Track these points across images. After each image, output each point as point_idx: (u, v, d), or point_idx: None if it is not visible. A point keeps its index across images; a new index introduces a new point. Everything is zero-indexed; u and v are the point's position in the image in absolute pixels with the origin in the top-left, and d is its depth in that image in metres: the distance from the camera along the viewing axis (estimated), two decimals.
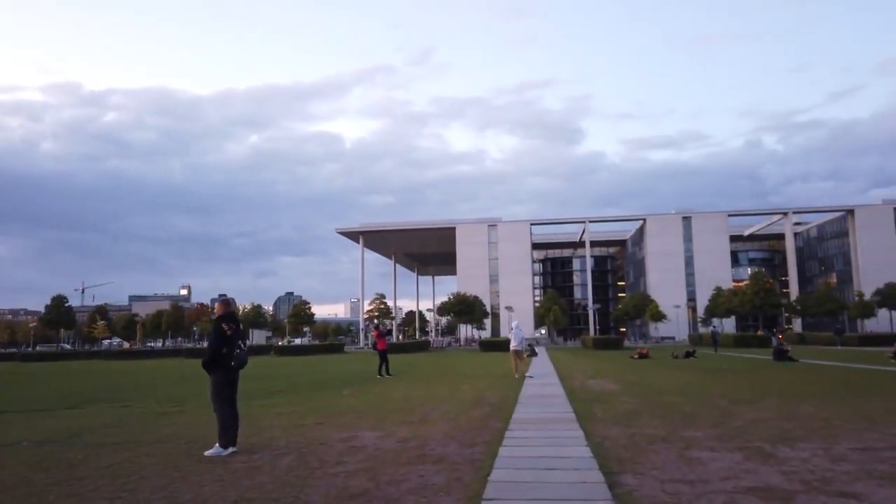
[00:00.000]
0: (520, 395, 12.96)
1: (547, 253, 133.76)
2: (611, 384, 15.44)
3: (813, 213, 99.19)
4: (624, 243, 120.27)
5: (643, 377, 17.76)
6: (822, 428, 7.73)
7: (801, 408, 9.79)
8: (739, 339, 47.81)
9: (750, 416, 9.06)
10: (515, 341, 19.02)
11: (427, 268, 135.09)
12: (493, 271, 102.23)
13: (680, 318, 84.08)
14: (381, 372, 19.94)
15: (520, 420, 9.19)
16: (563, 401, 11.69)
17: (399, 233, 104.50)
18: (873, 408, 9.57)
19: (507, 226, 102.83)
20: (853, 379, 15.66)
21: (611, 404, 10.95)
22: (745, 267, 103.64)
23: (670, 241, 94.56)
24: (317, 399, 13.18)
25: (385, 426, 8.80)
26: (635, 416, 9.24)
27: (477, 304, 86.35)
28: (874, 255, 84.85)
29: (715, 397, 11.63)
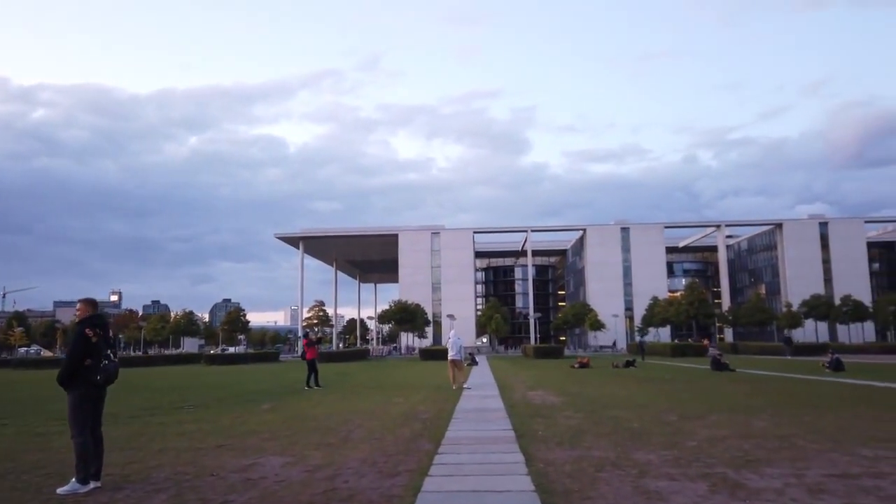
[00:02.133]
0: (456, 409, 11.93)
1: (489, 261, 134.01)
2: (552, 396, 14.61)
3: (744, 226, 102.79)
4: (565, 253, 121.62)
5: (585, 388, 17.04)
6: (784, 448, 6.99)
7: (755, 423, 9.12)
8: (676, 349, 48.33)
9: (703, 433, 8.29)
10: (453, 350, 18.02)
11: (369, 275, 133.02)
12: (435, 279, 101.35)
13: (618, 327, 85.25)
14: (309, 383, 18.54)
15: (453, 440, 8.14)
16: (502, 416, 10.72)
17: (340, 239, 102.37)
18: (828, 424, 8.98)
19: (451, 233, 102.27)
20: (795, 391, 15.34)
21: (553, 420, 10.04)
22: (680, 278, 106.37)
23: (609, 251, 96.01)
24: (229, 415, 11.77)
25: (296, 450, 7.58)
26: (580, 435, 8.33)
27: (419, 311, 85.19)
28: (800, 267, 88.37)
29: (662, 411, 10.90)
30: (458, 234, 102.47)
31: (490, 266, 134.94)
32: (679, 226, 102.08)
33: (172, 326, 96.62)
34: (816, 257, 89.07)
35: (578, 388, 16.85)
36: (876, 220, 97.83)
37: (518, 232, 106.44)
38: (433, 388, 17.74)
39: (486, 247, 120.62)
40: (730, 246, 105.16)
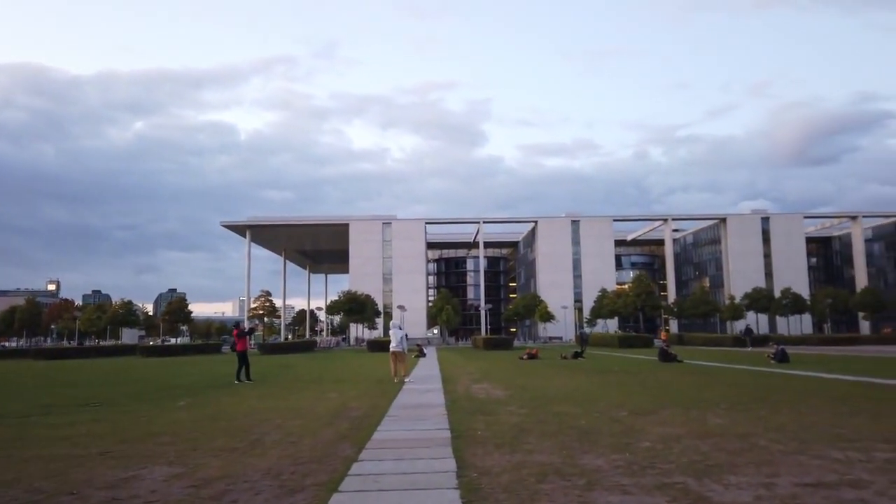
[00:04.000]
0: (392, 405, 10.97)
1: (441, 253, 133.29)
2: (498, 390, 13.79)
3: (690, 220, 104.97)
4: (517, 245, 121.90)
5: (532, 381, 16.32)
6: (746, 450, 6.27)
7: (710, 420, 8.45)
8: (623, 340, 48.55)
9: (657, 432, 7.55)
10: (395, 342, 17.03)
11: (320, 265, 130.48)
12: (386, 270, 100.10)
13: (567, 318, 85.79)
14: (239, 377, 17.25)
15: (379, 443, 7.17)
16: (441, 413, 9.81)
17: (290, 228, 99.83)
18: (787, 420, 8.38)
19: (402, 224, 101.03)
20: (745, 383, 14.95)
21: (495, 417, 9.18)
22: (628, 270, 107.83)
23: (560, 243, 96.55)
24: (135, 414, 10.49)
25: (193, 457, 6.47)
26: (523, 435, 7.48)
27: (368, 302, 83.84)
28: (743, 261, 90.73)
29: (612, 406, 10.18)
30: (410, 225, 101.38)
31: (442, 257, 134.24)
32: (628, 219, 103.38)
33: (110, 317, 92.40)
34: (758, 251, 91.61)
35: (525, 381, 16.11)
36: (814, 215, 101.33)
37: (470, 223, 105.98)
38: (373, 382, 16.73)
39: (438, 238, 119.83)
40: (676, 240, 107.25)
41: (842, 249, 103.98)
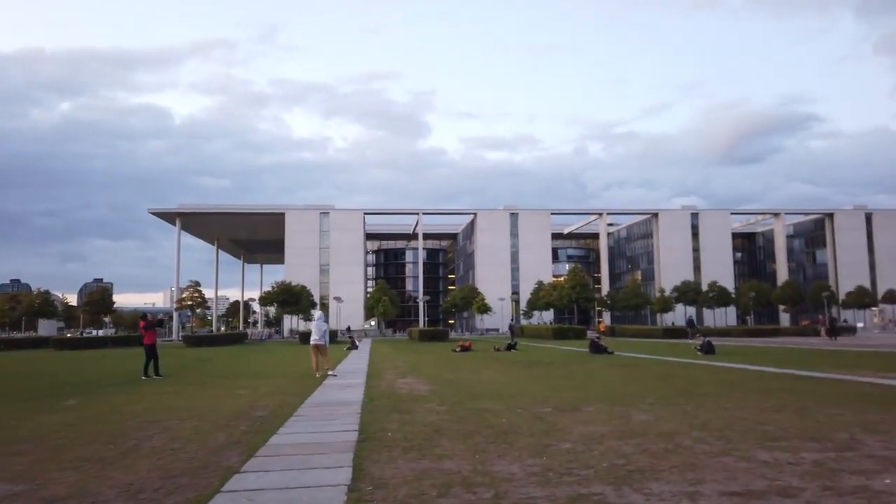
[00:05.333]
0: (305, 403, 10.16)
1: (381, 244, 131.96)
2: (422, 385, 13.16)
3: (624, 214, 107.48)
4: (456, 237, 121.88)
5: (460, 374, 15.79)
6: (670, 452, 5.83)
7: (635, 417, 8.05)
8: (557, 332, 48.93)
9: (579, 430, 7.06)
10: (317, 334, 16.17)
11: (255, 255, 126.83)
12: (323, 261, 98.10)
13: (504, 310, 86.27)
14: (147, 372, 15.99)
15: (274, 448, 6.38)
16: (355, 411, 9.08)
17: (223, 216, 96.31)
18: (713, 416, 8.07)
19: (341, 214, 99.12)
20: (672, 375, 14.86)
21: (412, 415, 8.52)
22: (564, 263, 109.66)
23: (498, 236, 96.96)
24: (7, 415, 9.29)
25: (46, 471, 5.52)
26: (436, 437, 6.84)
27: (304, 293, 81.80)
28: (673, 254, 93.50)
29: (536, 402, 9.70)
30: (349, 215, 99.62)
31: (381, 248, 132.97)
32: (564, 212, 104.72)
33: (25, 307, 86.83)
34: (687, 246, 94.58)
35: (453, 375, 15.56)
36: (740, 212, 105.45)
37: (409, 214, 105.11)
38: (294, 377, 15.82)
39: (377, 229, 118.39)
40: (611, 233, 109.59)
41: (765, 245, 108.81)
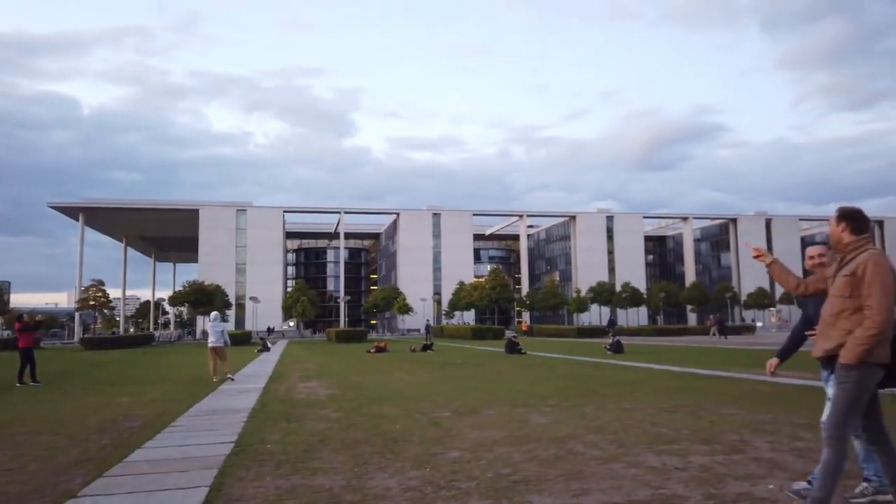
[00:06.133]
0: (188, 411, 9.37)
1: (301, 243, 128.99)
2: (325, 388, 12.55)
3: (544, 217, 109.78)
4: (379, 237, 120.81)
5: (368, 377, 15.26)
6: (561, 459, 5.56)
7: (533, 420, 7.80)
8: (476, 332, 49.13)
9: (473, 436, 6.72)
10: (213, 336, 15.20)
11: (167, 254, 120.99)
12: (240, 259, 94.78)
13: (426, 311, 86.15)
14: (21, 378, 14.54)
15: (131, 465, 5.68)
16: (241, 419, 8.39)
17: (132, 212, 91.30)
18: (611, 418, 7.94)
19: (258, 212, 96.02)
20: (579, 374, 14.91)
21: (301, 423, 7.95)
22: (485, 264, 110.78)
23: (421, 236, 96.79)
24: None
25: None
26: (319, 447, 6.32)
27: (218, 293, 78.69)
28: (590, 256, 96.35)
29: (437, 406, 9.32)
30: (267, 213, 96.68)
31: (301, 247, 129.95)
32: (486, 214, 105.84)
33: None
34: (603, 248, 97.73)
35: (360, 378, 15.00)
36: (652, 216, 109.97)
37: (331, 213, 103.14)
38: (188, 382, 14.81)
39: (298, 228, 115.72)
40: (531, 235, 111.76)
41: (675, 248, 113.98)
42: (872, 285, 3.39)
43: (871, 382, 3.47)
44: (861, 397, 3.46)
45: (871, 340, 3.35)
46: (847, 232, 3.61)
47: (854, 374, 3.42)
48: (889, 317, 3.36)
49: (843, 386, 3.45)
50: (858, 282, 3.46)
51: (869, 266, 3.44)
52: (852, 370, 3.42)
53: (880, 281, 3.39)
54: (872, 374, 3.45)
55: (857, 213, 3.65)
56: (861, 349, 3.38)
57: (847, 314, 3.51)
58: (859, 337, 3.39)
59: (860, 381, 3.43)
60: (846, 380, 3.44)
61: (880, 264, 3.44)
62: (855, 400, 3.44)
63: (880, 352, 3.42)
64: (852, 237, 3.60)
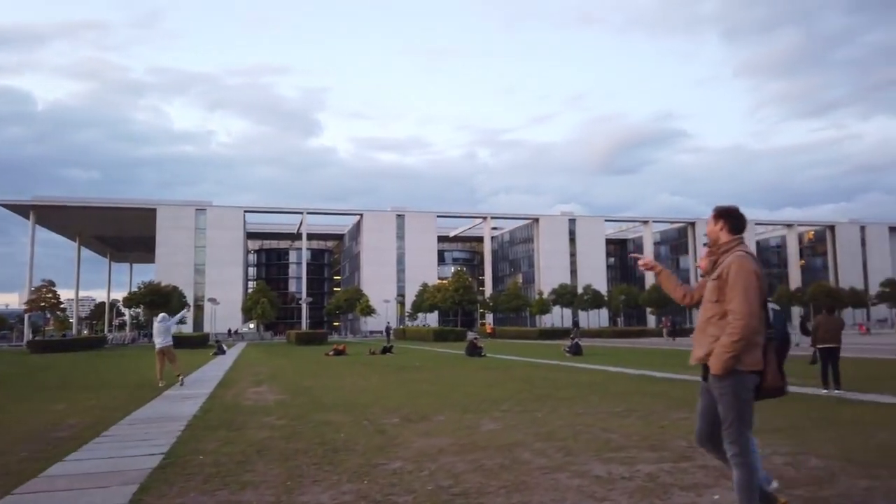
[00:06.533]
0: (125, 419, 8.91)
1: (263, 243, 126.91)
2: (275, 394, 12.15)
3: (507, 219, 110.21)
4: (342, 238, 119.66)
5: (322, 381, 14.88)
6: (506, 468, 5.36)
7: (483, 426, 7.61)
8: (438, 334, 48.91)
9: (418, 444, 6.48)
10: (160, 337, 14.65)
11: (124, 254, 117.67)
12: (199, 260, 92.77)
13: (389, 313, 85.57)
14: None
15: (47, 480, 5.26)
16: (178, 428, 7.98)
17: (85, 211, 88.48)
18: (562, 423, 7.80)
19: (219, 211, 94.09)
20: (536, 377, 14.81)
21: (241, 432, 7.59)
22: (449, 265, 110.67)
23: (385, 237, 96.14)
24: None
25: None
26: (255, 458, 6.00)
27: (175, 294, 76.74)
28: (552, 258, 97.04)
29: (387, 412, 9.06)
30: (228, 213, 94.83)
31: (263, 248, 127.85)
32: (450, 215, 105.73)
33: None
34: (565, 250, 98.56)
35: (314, 382, 14.62)
36: (613, 219, 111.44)
37: (293, 214, 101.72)
38: (133, 387, 14.23)
39: (260, 228, 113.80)
40: (494, 237, 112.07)
41: (635, 250, 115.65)
42: (735, 288, 3.22)
43: (747, 390, 3.26)
44: (744, 405, 3.27)
45: (736, 347, 3.16)
46: (724, 231, 3.45)
47: (727, 383, 3.23)
48: (754, 321, 3.18)
49: (723, 398, 3.26)
50: (724, 285, 3.29)
51: (733, 268, 3.27)
52: (724, 380, 3.23)
53: (743, 283, 3.21)
54: (746, 381, 3.25)
55: (735, 211, 3.50)
56: (727, 357, 3.19)
57: (715, 319, 3.32)
58: (724, 344, 3.20)
59: (735, 389, 3.24)
60: (722, 391, 3.26)
61: (744, 266, 3.26)
62: (739, 409, 3.25)
63: (749, 359, 3.22)
64: (728, 236, 3.44)
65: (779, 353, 3.41)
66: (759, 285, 3.26)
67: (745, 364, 3.23)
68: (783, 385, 3.38)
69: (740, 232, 3.46)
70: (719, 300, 3.31)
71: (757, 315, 3.21)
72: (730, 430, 3.28)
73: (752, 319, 3.18)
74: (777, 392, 3.36)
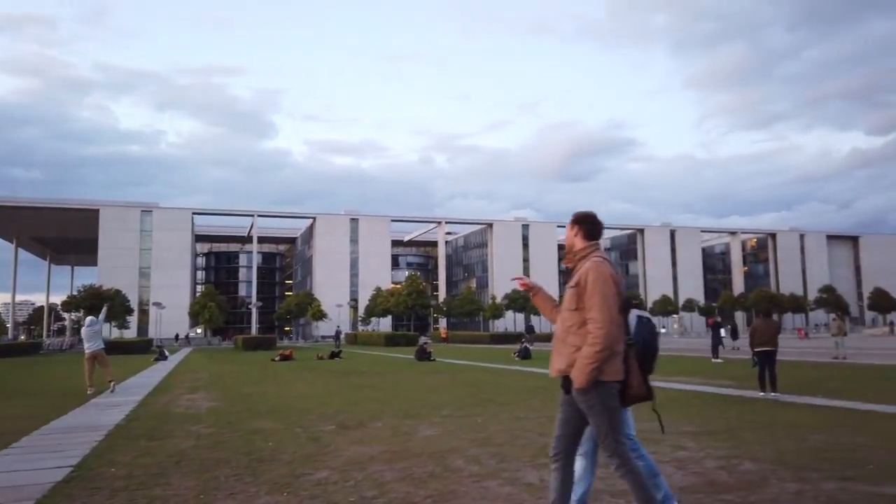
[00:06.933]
0: (42, 428, 8.35)
1: (212, 246, 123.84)
2: (208, 400, 11.65)
3: (461, 224, 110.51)
4: (295, 241, 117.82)
5: (263, 387, 14.40)
6: (435, 477, 5.14)
7: (421, 433, 7.38)
8: (389, 338, 48.48)
9: (349, 453, 6.21)
10: (89, 342, 13.92)
11: (65, 256, 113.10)
12: (144, 263, 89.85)
13: (342, 317, 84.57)
14: None
15: None
16: (95, 438, 7.49)
17: (23, 211, 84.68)
18: (500, 427, 7.64)
19: (166, 213, 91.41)
20: (482, 381, 14.67)
21: (163, 441, 7.16)
22: (404, 270, 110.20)
23: (338, 241, 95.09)
24: None
25: None
26: (172, 470, 5.62)
27: (117, 298, 74.08)
28: (505, 263, 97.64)
29: (322, 419, 8.74)
30: (175, 214, 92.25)
31: (213, 251, 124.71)
32: (404, 220, 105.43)
33: None
34: (518, 255, 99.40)
35: (253, 388, 14.13)
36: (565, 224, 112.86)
37: (244, 216, 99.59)
38: (58, 395, 13.46)
39: (210, 230, 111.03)
40: (449, 242, 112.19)
41: None
42: (593, 296, 3.10)
43: (612, 398, 3.14)
44: (613, 414, 3.13)
45: (599, 357, 3.04)
46: (580, 237, 3.36)
47: (593, 395, 3.09)
48: (613, 329, 3.08)
49: (591, 412, 3.12)
50: (583, 292, 3.17)
51: (590, 275, 3.16)
52: (589, 392, 3.09)
53: (601, 290, 3.10)
54: (610, 390, 3.13)
55: (591, 217, 3.40)
56: (590, 369, 3.05)
57: (575, 328, 3.18)
58: (586, 355, 3.06)
59: (602, 399, 3.10)
60: (589, 403, 3.11)
61: (601, 272, 3.16)
62: (610, 419, 3.12)
63: (610, 368, 3.10)
64: (584, 243, 3.34)
65: (642, 362, 3.29)
66: (616, 291, 3.16)
67: (607, 374, 3.10)
68: (648, 393, 3.24)
69: (596, 238, 3.36)
70: (578, 308, 3.18)
71: (617, 322, 3.10)
72: (606, 443, 3.14)
73: (612, 327, 3.06)
74: (642, 399, 3.24)
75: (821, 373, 15.46)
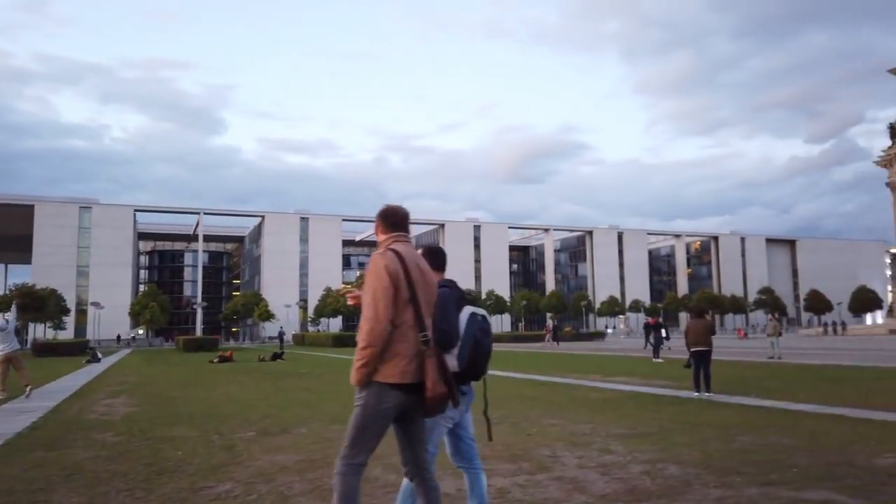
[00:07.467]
0: None
1: (156, 245, 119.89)
2: (128, 406, 10.99)
3: (414, 224, 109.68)
4: (243, 240, 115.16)
5: (190, 391, 13.74)
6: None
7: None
8: (337, 339, 47.69)
9: (261, 462, 5.81)
10: (3, 344, 12.99)
11: None
12: (83, 261, 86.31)
13: (291, 318, 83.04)
14: None
15: None
16: None
17: None
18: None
19: (106, 209, 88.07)
20: None
21: (62, 452, 6.60)
22: (355, 270, 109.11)
23: (287, 240, 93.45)
24: None
25: None
26: (59, 483, 5.12)
27: (52, 298, 70.94)
28: (457, 264, 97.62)
29: (246, 424, 8.27)
30: (116, 211, 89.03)
31: (156, 250, 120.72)
32: (355, 219, 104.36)
33: None
34: (470, 256, 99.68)
35: (181, 392, 13.45)
36: (516, 226, 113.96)
37: (190, 214, 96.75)
38: None
39: (154, 228, 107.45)
40: None
41: (537, 257, 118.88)
42: (365, 292, 2.93)
43: (382, 406, 2.87)
44: (368, 422, 2.88)
45: (364, 354, 2.84)
46: (380, 231, 3.19)
47: (363, 395, 2.88)
48: (378, 326, 2.84)
49: (356, 408, 2.91)
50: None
51: (368, 270, 3.01)
52: (360, 392, 2.89)
53: (370, 285, 2.91)
54: (383, 395, 2.86)
55: (386, 210, 3.21)
56: (357, 365, 2.85)
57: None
58: (355, 353, 2.89)
59: (367, 399, 2.87)
60: (357, 401, 2.91)
61: (375, 266, 2.96)
62: (362, 425, 2.88)
63: (389, 370, 2.86)
64: (383, 236, 3.16)
65: (473, 360, 3.16)
66: (390, 285, 2.90)
67: (383, 375, 2.86)
68: (447, 393, 2.91)
69: (395, 230, 3.16)
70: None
71: (384, 319, 2.85)
72: (345, 442, 2.91)
73: (377, 324, 2.83)
74: (444, 399, 2.91)
75: (755, 372, 15.75)
